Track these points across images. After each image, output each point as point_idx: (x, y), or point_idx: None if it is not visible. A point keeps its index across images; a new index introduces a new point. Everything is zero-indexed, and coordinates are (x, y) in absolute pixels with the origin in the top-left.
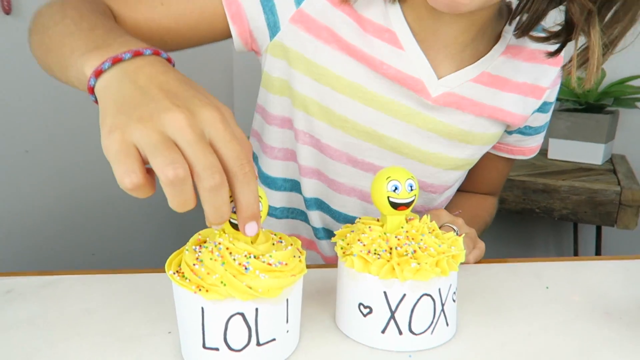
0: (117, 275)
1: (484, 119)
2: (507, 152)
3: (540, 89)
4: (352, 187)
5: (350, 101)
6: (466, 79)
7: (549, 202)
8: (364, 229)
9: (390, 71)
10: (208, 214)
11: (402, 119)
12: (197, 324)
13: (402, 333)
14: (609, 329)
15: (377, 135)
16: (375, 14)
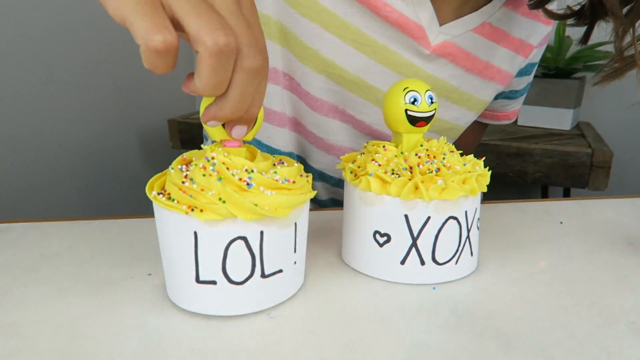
0: (78, 222)
1: (473, 76)
2: (493, 118)
3: (529, 47)
4: (332, 143)
5: (341, 43)
6: (467, 28)
7: (523, 165)
8: (377, 150)
9: (393, 15)
10: (232, 99)
11: (394, 69)
12: (189, 254)
13: (425, 263)
14: (636, 256)
15: (365, 86)
16: None
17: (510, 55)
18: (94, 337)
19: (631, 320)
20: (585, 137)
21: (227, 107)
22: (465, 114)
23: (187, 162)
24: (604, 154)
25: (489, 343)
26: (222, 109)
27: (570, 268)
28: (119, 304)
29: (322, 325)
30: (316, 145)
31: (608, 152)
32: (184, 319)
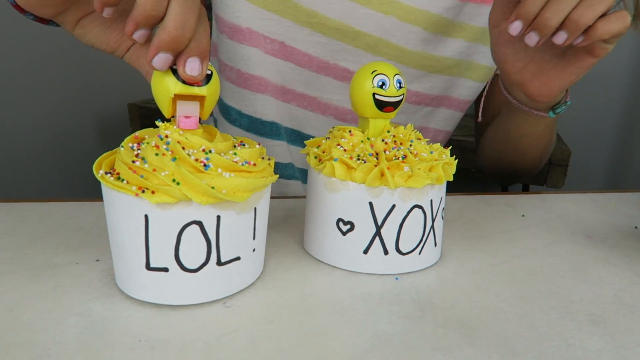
0: (21, 204)
1: (470, 5)
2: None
3: None
4: (326, 102)
5: None
6: None
7: None
8: (343, 135)
9: None
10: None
11: (379, 9)
12: (139, 239)
13: (388, 253)
14: (595, 249)
15: (352, 32)
16: None
17: None
18: (32, 326)
19: (590, 311)
20: None
21: (169, 24)
22: (467, 47)
23: (140, 140)
24: (562, 152)
25: (451, 334)
26: (165, 28)
27: (532, 260)
28: (61, 290)
29: (280, 315)
30: (310, 108)
31: (566, 150)
32: (132, 307)
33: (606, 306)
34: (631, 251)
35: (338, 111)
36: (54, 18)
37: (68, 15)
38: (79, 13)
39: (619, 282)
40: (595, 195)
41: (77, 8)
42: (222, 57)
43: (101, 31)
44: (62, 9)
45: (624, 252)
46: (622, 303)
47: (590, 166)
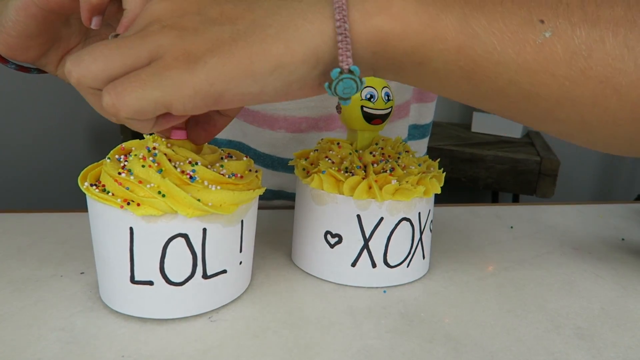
0: (5, 215)
1: None
2: None
3: None
4: (273, 114)
5: None
6: None
7: (475, 171)
8: (331, 147)
9: None
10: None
11: None
12: (123, 252)
13: (376, 265)
14: (582, 261)
15: None
16: None
17: None
18: (12, 341)
19: (577, 325)
20: (535, 146)
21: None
22: None
23: (126, 152)
24: (552, 162)
25: (438, 348)
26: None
27: (519, 272)
28: (44, 304)
29: (266, 330)
30: (257, 124)
31: (555, 160)
32: (116, 321)
33: (593, 320)
34: (618, 264)
35: (289, 122)
36: (36, 61)
37: (50, 56)
38: (60, 51)
39: (605, 295)
40: (582, 207)
41: (58, 47)
42: None
43: None
44: (44, 49)
45: (611, 265)
46: (609, 316)
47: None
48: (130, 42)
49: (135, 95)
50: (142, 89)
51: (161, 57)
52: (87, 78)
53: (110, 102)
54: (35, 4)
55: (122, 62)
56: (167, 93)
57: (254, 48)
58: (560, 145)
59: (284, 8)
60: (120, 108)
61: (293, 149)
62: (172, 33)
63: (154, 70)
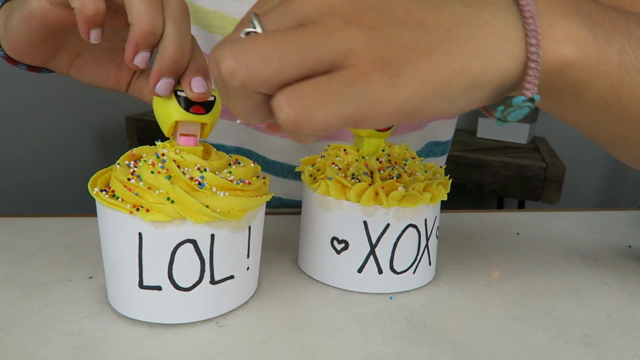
0: (15, 219)
1: None
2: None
3: None
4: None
5: None
6: None
7: (480, 177)
8: (338, 153)
9: None
10: (170, 35)
11: None
12: (132, 257)
13: (383, 272)
14: (588, 268)
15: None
16: None
17: None
18: (21, 345)
19: (584, 332)
20: (540, 152)
21: (169, 48)
22: None
23: (136, 158)
24: (557, 168)
25: (444, 355)
26: (165, 52)
27: (525, 279)
28: (52, 308)
29: (273, 336)
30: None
31: (561, 166)
32: (124, 326)
33: (599, 327)
34: (624, 271)
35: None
36: (45, 64)
37: (59, 60)
38: (69, 55)
39: (612, 302)
40: (588, 214)
41: (67, 51)
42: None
43: (97, 70)
44: (50, 54)
45: (618, 272)
46: (616, 324)
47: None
48: (309, 40)
49: (327, 111)
50: (335, 104)
51: (353, 64)
52: (258, 82)
53: (293, 116)
54: (35, 18)
55: (301, 65)
56: (363, 110)
57: (455, 65)
58: (566, 152)
59: (473, 17)
60: (304, 124)
61: (303, 156)
62: (362, 34)
63: (347, 81)
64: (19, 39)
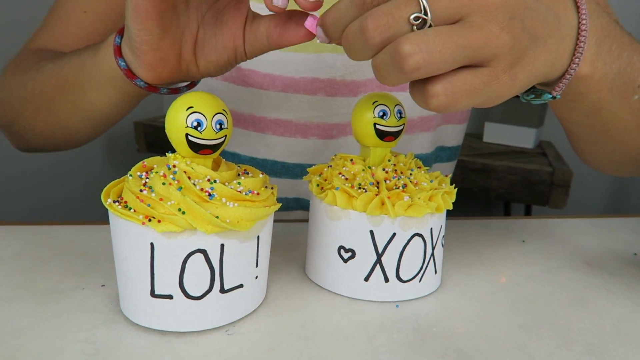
0: (28, 227)
1: None
2: None
3: None
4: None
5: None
6: None
7: (487, 181)
8: (344, 163)
9: None
10: None
11: None
12: (144, 266)
13: (389, 280)
14: (594, 276)
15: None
16: None
17: None
18: (35, 351)
19: (588, 341)
20: (547, 156)
21: None
22: None
23: (148, 169)
24: (564, 173)
25: None
26: None
27: (531, 287)
28: (66, 316)
29: (281, 343)
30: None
31: (568, 171)
32: (137, 333)
33: (604, 336)
34: (630, 279)
35: (321, 129)
36: (180, 73)
37: (185, 54)
38: (189, 46)
39: (617, 311)
40: (595, 220)
41: (186, 41)
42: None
43: (217, 43)
44: (176, 49)
45: (623, 280)
46: (620, 333)
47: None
48: (474, 43)
49: (468, 102)
50: (475, 97)
51: (493, 65)
52: (429, 70)
53: (445, 103)
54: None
55: (461, 62)
56: (487, 102)
57: (545, 67)
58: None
59: (557, 32)
60: (448, 106)
61: (326, 155)
62: (507, 41)
63: (486, 80)
64: (145, 45)
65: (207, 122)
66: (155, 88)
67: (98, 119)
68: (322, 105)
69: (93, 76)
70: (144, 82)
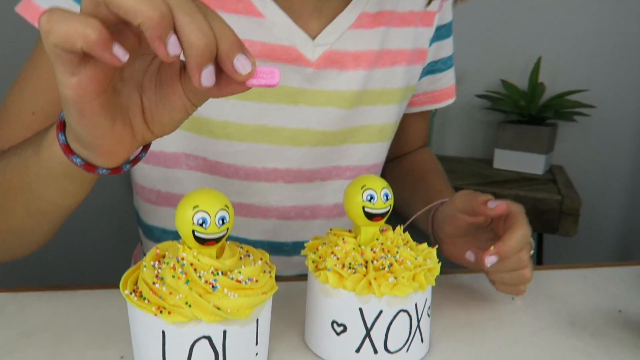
0: (56, 293)
1: (377, 70)
2: (432, 101)
3: (429, 15)
4: (266, 206)
5: (225, 102)
6: (344, 28)
7: None
8: (337, 241)
9: (256, 47)
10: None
11: (289, 101)
12: (157, 350)
13: (378, 352)
14: (576, 339)
15: (270, 131)
16: None
17: (409, 32)
18: None
19: None
20: (557, 183)
21: (189, 39)
22: (387, 110)
23: (160, 257)
24: (573, 201)
25: None
26: (190, 46)
27: (515, 352)
28: None
29: None
30: (250, 215)
31: (577, 199)
32: None
33: None
34: (611, 341)
35: (279, 212)
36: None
37: (136, 125)
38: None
39: None
40: (587, 271)
41: (133, 108)
42: (137, 180)
43: (166, 104)
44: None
45: (604, 342)
46: None
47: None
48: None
49: None
50: None
51: None
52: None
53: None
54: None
55: None
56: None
57: None
58: (584, 181)
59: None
60: None
61: (285, 234)
62: None
63: None
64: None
65: (210, 219)
66: (117, 169)
67: (56, 212)
68: (281, 191)
69: (42, 176)
70: (106, 169)
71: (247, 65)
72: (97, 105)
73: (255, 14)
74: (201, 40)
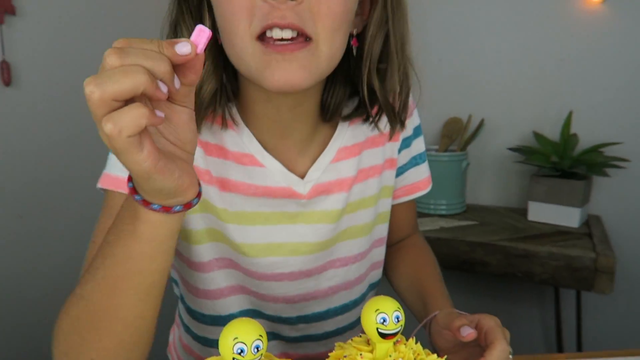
0: None
1: (354, 187)
2: (403, 194)
3: (395, 134)
4: (275, 295)
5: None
6: (326, 163)
7: (530, 266)
8: (356, 357)
9: (260, 189)
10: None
11: (288, 222)
12: None
13: None
14: None
15: (275, 246)
16: (230, 142)
17: (379, 151)
18: None
19: None
20: (592, 237)
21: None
22: (365, 212)
23: None
24: (607, 259)
25: None
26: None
27: None
28: None
29: None
30: (265, 300)
31: (611, 257)
32: None
33: None
34: None
35: (285, 299)
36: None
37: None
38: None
39: None
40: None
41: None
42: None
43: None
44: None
45: None
46: None
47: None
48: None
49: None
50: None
51: None
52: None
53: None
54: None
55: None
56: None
57: None
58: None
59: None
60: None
61: (289, 311)
62: None
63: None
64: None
65: (247, 349)
66: (188, 205)
67: (162, 282)
68: (286, 286)
69: (148, 251)
70: (197, 198)
71: (187, 46)
72: (163, 158)
73: (258, 165)
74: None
